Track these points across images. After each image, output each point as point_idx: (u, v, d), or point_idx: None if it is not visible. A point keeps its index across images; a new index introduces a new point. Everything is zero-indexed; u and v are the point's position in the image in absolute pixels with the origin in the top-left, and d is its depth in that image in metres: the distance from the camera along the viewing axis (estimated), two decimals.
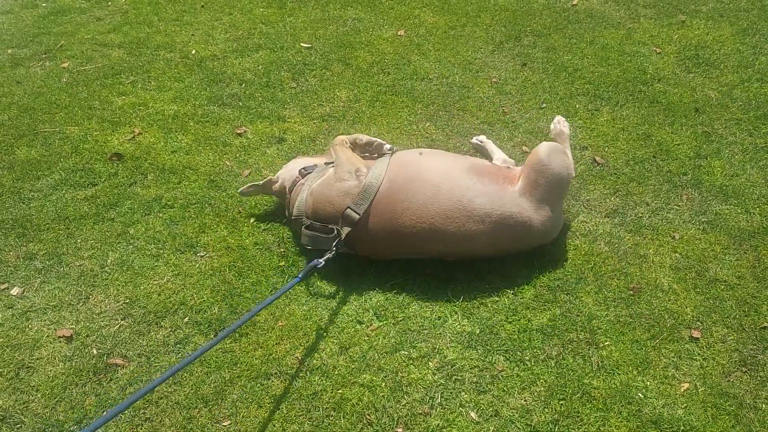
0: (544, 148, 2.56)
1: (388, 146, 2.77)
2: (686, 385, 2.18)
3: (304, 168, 2.73)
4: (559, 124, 2.93)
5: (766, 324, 2.36)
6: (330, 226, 2.47)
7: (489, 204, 2.43)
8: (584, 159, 3.16)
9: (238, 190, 2.85)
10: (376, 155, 2.75)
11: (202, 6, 4.81)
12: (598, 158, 3.15)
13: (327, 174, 2.61)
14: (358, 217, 2.43)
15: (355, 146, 2.75)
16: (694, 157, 3.17)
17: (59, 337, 2.36)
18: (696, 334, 2.34)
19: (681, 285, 2.53)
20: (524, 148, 3.23)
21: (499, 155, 2.93)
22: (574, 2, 4.69)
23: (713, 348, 2.30)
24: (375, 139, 2.78)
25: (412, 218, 2.43)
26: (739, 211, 2.86)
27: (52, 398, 2.17)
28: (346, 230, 2.44)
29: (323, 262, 2.37)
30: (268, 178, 2.81)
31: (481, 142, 3.07)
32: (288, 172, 2.79)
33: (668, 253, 2.67)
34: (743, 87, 3.69)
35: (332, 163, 2.67)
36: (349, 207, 2.44)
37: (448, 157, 2.65)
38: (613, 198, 2.94)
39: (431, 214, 2.42)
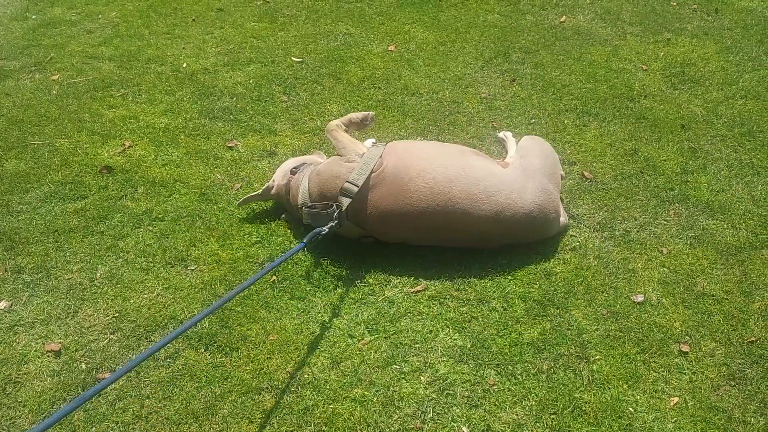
0: (526, 138, 2.98)
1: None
2: (676, 399, 2.19)
3: (294, 167, 2.87)
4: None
5: (753, 338, 2.39)
6: (330, 203, 2.59)
7: (482, 170, 2.63)
8: (572, 174, 3.19)
9: (237, 203, 2.94)
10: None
11: (194, 20, 4.82)
12: (586, 173, 3.19)
13: (331, 158, 2.77)
14: (356, 189, 2.54)
15: (349, 126, 2.89)
16: (680, 172, 3.21)
17: (47, 351, 2.34)
18: (685, 348, 2.36)
19: (669, 299, 2.56)
20: None
21: (512, 152, 3.10)
22: (562, 19, 4.76)
23: (702, 362, 2.32)
24: (367, 113, 2.93)
25: (417, 187, 2.56)
26: (725, 226, 2.90)
27: (40, 414, 2.14)
28: (346, 201, 2.55)
29: (327, 229, 2.50)
30: (266, 185, 2.91)
31: (505, 137, 3.32)
32: (281, 173, 2.93)
33: (656, 267, 2.70)
34: (728, 104, 3.75)
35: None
36: (347, 180, 2.56)
37: (438, 143, 2.92)
38: (601, 212, 2.97)
39: (434, 180, 2.55)
